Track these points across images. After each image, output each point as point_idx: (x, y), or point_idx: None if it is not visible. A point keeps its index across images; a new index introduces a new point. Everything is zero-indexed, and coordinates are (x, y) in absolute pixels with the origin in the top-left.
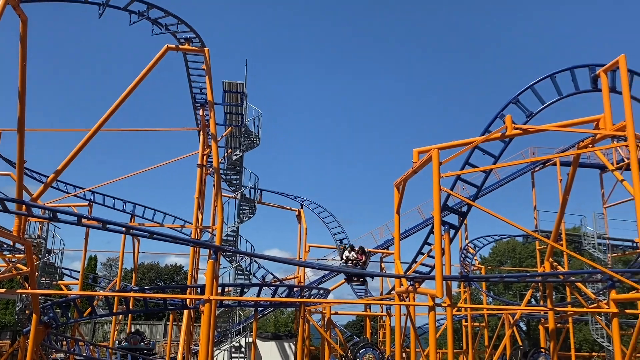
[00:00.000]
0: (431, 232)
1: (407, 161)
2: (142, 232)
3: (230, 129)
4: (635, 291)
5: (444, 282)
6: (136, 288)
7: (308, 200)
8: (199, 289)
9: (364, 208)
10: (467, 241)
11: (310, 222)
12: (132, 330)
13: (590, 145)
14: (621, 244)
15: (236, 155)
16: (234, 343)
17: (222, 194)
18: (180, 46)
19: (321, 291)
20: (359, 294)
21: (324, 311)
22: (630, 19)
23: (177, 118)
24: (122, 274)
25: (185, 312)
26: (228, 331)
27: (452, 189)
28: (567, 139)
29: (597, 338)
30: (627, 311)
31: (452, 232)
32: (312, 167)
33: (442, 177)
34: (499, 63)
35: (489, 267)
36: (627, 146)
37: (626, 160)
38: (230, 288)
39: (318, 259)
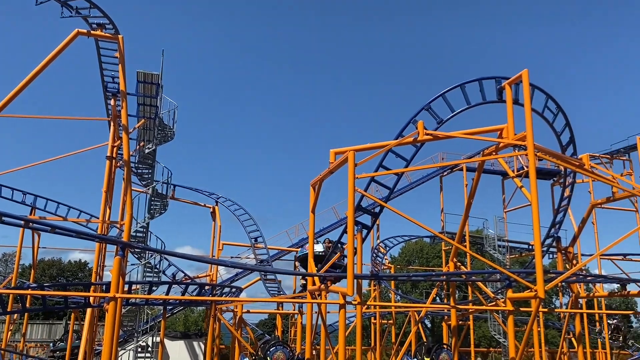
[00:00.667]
0: (345, 231)
1: (324, 161)
2: (43, 225)
3: (143, 120)
4: (529, 290)
5: (355, 280)
6: (34, 285)
7: (223, 197)
8: (104, 287)
9: (280, 206)
10: (378, 241)
11: (225, 219)
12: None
13: (494, 153)
14: (519, 246)
15: (149, 148)
16: (140, 342)
17: (132, 188)
18: (92, 32)
19: (233, 290)
20: (271, 292)
21: (235, 310)
22: (534, 36)
23: (86, 107)
24: (20, 270)
25: (88, 310)
26: (134, 330)
27: (366, 190)
28: (474, 146)
29: (495, 334)
30: (522, 309)
31: (365, 232)
32: (228, 164)
33: (357, 178)
34: (415, 71)
35: (398, 266)
36: (526, 155)
37: (525, 168)
38: (138, 286)
39: (232, 257)
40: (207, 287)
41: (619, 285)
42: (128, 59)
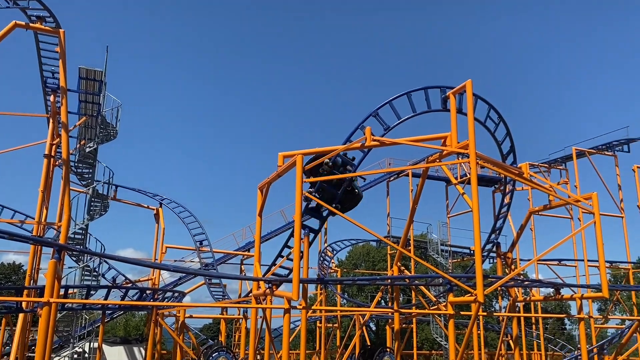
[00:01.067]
0: (292, 235)
1: (273, 164)
2: None
3: (84, 118)
4: (469, 294)
5: (301, 284)
6: None
7: (168, 199)
8: (38, 291)
9: (227, 209)
10: (326, 244)
11: (169, 221)
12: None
13: (438, 160)
14: (461, 250)
15: (90, 147)
16: (76, 349)
17: (71, 188)
18: (30, 24)
19: (176, 294)
20: (216, 296)
21: (178, 314)
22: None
23: (24, 103)
24: None
25: (21, 315)
26: (70, 336)
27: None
28: (421, 152)
29: (437, 337)
30: (462, 313)
31: (312, 235)
32: (173, 165)
33: (305, 181)
34: (365, 77)
35: (345, 269)
36: (469, 163)
37: (468, 176)
38: (75, 290)
39: (176, 261)
40: (148, 292)
41: (553, 289)
42: (70, 55)
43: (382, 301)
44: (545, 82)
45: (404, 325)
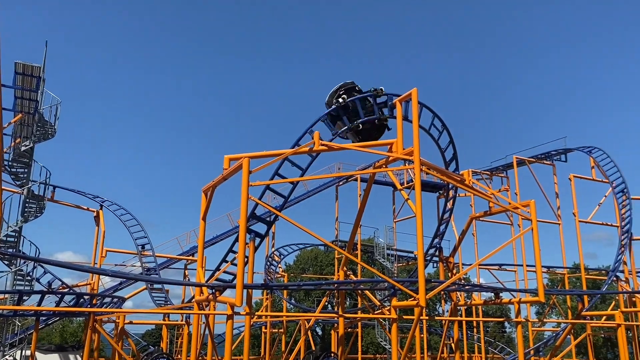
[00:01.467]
0: (237, 239)
1: (218, 167)
2: None
3: (20, 115)
4: (412, 299)
5: (245, 290)
6: None
7: (109, 201)
8: None
9: (172, 212)
10: (273, 249)
11: (110, 224)
12: None
13: (384, 166)
14: (406, 255)
15: (25, 145)
16: (7, 357)
17: (4, 188)
18: None
19: (115, 299)
20: (157, 302)
21: (117, 320)
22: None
23: None
24: None
25: None
26: (0, 344)
27: (261, 198)
28: (370, 158)
29: (381, 341)
30: (405, 317)
31: (258, 240)
32: (116, 167)
33: (252, 185)
34: (315, 81)
35: (293, 274)
36: (413, 169)
37: (414, 182)
38: (6, 295)
39: (116, 265)
40: (85, 297)
41: (493, 293)
42: (6, 49)
43: (329, 305)
44: (490, 93)
45: (349, 330)
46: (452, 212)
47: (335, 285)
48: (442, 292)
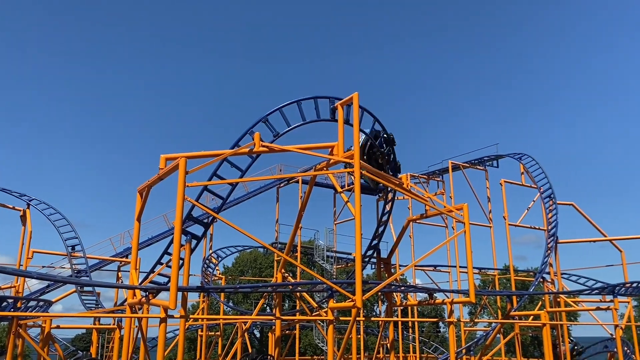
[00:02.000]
0: (173, 241)
1: (155, 166)
2: None
3: None
4: (349, 300)
5: (180, 292)
6: None
7: (37, 200)
8: None
9: (105, 212)
10: (210, 251)
11: (38, 224)
12: None
13: (325, 169)
14: (345, 256)
15: None
16: None
17: None
18: None
19: (41, 303)
20: (88, 305)
21: (43, 325)
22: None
23: None
24: None
25: None
26: None
27: (198, 199)
28: (312, 160)
29: (319, 343)
30: (342, 318)
31: (195, 242)
32: (44, 164)
33: (188, 186)
34: (256, 84)
35: (231, 276)
36: (354, 172)
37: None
38: None
39: (44, 267)
40: (9, 300)
41: (427, 294)
42: None
43: (267, 308)
44: (429, 100)
45: (287, 332)
46: (391, 214)
47: (273, 287)
48: (379, 293)
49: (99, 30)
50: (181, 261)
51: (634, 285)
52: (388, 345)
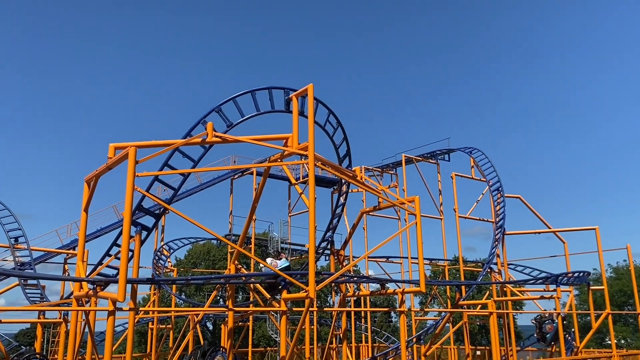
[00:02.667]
0: (122, 233)
1: (103, 156)
2: None
3: None
4: (302, 291)
5: (129, 285)
6: None
7: None
8: None
9: (49, 202)
10: (162, 243)
11: None
12: None
13: (280, 160)
14: (300, 248)
15: None
16: None
17: None
18: None
19: None
20: (32, 298)
21: None
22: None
23: None
24: None
25: None
26: None
27: (149, 190)
28: (267, 152)
29: (272, 334)
30: (295, 309)
31: (145, 233)
32: None
33: (138, 176)
34: (211, 73)
35: (183, 269)
36: (308, 164)
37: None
38: None
39: None
40: None
41: (379, 284)
42: None
43: (221, 300)
44: (384, 94)
45: (240, 324)
46: (345, 206)
47: (225, 279)
48: (333, 284)
49: (45, 13)
50: (131, 253)
51: (576, 275)
52: (341, 335)
